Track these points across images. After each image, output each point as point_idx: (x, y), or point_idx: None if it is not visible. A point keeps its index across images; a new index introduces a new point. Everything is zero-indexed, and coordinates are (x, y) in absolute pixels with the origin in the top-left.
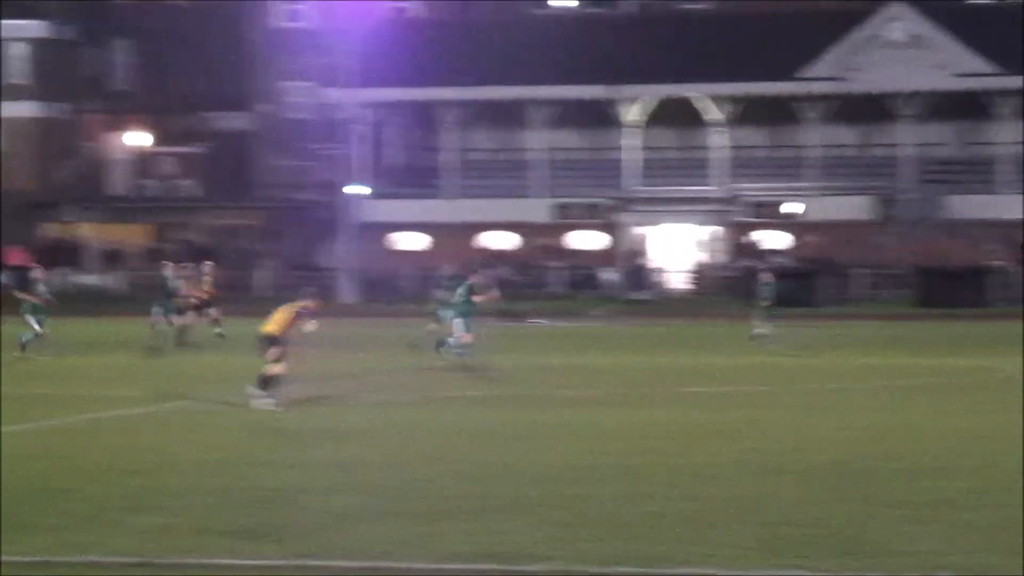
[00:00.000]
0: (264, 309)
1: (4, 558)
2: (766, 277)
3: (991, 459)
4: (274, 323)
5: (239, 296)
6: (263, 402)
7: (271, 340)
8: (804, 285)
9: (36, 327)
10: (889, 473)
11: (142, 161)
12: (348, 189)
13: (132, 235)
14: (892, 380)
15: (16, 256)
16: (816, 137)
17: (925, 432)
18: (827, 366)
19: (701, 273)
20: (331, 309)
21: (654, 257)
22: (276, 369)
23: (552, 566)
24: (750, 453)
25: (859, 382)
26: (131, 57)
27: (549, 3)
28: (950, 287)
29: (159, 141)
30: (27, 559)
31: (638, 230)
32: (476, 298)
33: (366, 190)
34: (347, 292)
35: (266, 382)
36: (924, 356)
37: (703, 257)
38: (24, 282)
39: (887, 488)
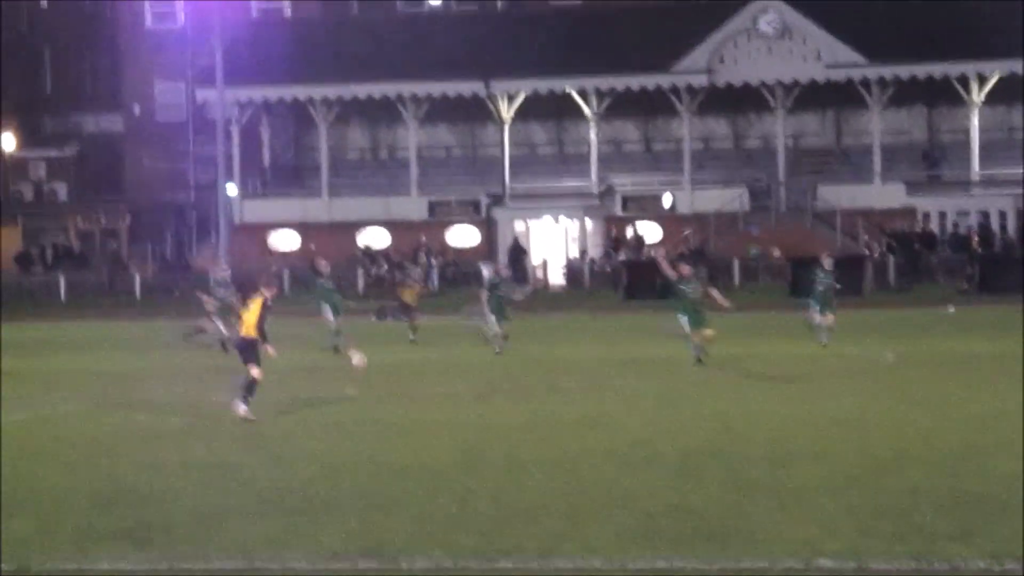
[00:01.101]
0: (138, 311)
1: None
2: (827, 264)
3: (863, 445)
4: (249, 325)
5: (112, 299)
6: (243, 410)
7: (253, 344)
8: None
9: None
10: (763, 460)
11: (11, 164)
12: (222, 189)
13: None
14: (766, 368)
15: None
16: (689, 129)
17: (798, 419)
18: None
19: (578, 267)
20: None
21: (531, 252)
22: (257, 373)
23: (433, 561)
24: (625, 444)
25: (729, 371)
26: None
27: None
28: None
29: (28, 143)
30: None
31: (515, 225)
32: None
33: (238, 190)
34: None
35: (251, 388)
36: (797, 344)
37: (579, 250)
38: None
39: (762, 475)
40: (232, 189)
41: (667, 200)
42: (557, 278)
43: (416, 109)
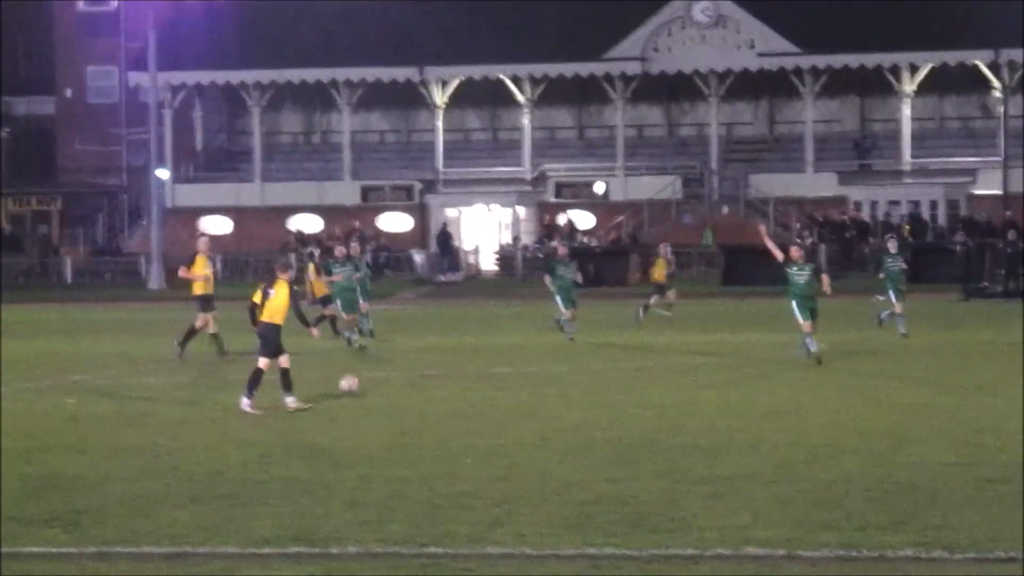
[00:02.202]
0: (69, 295)
1: None
2: (892, 247)
3: (797, 434)
4: (275, 311)
5: (43, 283)
6: (293, 401)
7: (278, 331)
8: (616, 264)
9: None
10: (697, 449)
11: None
12: (153, 173)
13: None
14: (696, 358)
15: None
16: (622, 117)
17: (733, 408)
18: (631, 344)
19: (510, 253)
20: (138, 295)
21: (464, 238)
22: (285, 360)
23: (364, 548)
24: (558, 432)
25: (663, 360)
26: None
27: None
28: (756, 265)
29: None
30: None
31: (447, 211)
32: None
33: (171, 174)
34: (153, 278)
35: (287, 377)
36: (728, 333)
37: (512, 237)
38: None
39: (695, 464)
40: (164, 173)
41: (600, 187)
42: (489, 265)
43: (349, 94)
